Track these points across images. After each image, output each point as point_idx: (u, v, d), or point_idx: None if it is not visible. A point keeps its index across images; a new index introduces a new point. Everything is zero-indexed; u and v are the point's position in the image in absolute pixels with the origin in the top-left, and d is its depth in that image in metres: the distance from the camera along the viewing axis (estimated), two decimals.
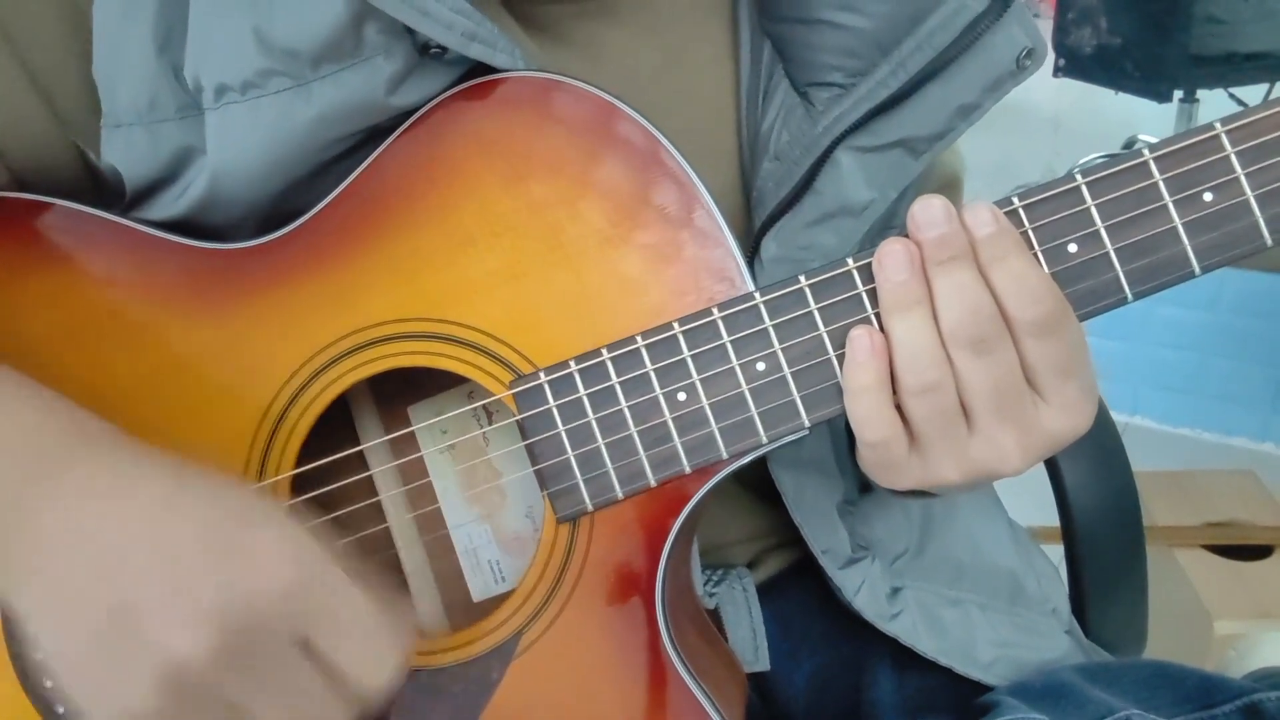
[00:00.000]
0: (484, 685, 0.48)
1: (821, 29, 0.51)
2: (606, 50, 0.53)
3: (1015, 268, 0.42)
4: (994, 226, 0.42)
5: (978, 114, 0.51)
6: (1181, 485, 1.39)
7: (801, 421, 0.45)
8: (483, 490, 0.53)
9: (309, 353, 0.48)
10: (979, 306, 0.42)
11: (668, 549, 0.46)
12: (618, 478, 0.45)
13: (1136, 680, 0.56)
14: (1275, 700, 0.52)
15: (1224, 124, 0.42)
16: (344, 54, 0.46)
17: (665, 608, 0.47)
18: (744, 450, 0.45)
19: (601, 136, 0.46)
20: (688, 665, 0.47)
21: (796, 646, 0.63)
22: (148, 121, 0.48)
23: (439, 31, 0.45)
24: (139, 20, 0.47)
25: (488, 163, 0.47)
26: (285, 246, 0.49)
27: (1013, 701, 0.55)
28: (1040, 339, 0.43)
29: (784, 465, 0.57)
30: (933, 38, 0.49)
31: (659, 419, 0.45)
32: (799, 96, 0.53)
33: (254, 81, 0.46)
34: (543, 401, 0.46)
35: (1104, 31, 1.50)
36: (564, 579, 0.47)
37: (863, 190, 0.52)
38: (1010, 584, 0.64)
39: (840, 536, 0.58)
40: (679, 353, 0.45)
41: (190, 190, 0.49)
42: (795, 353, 0.44)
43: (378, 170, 0.48)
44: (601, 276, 0.46)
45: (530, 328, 0.46)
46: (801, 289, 0.44)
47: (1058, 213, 0.43)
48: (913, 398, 0.43)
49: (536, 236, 0.47)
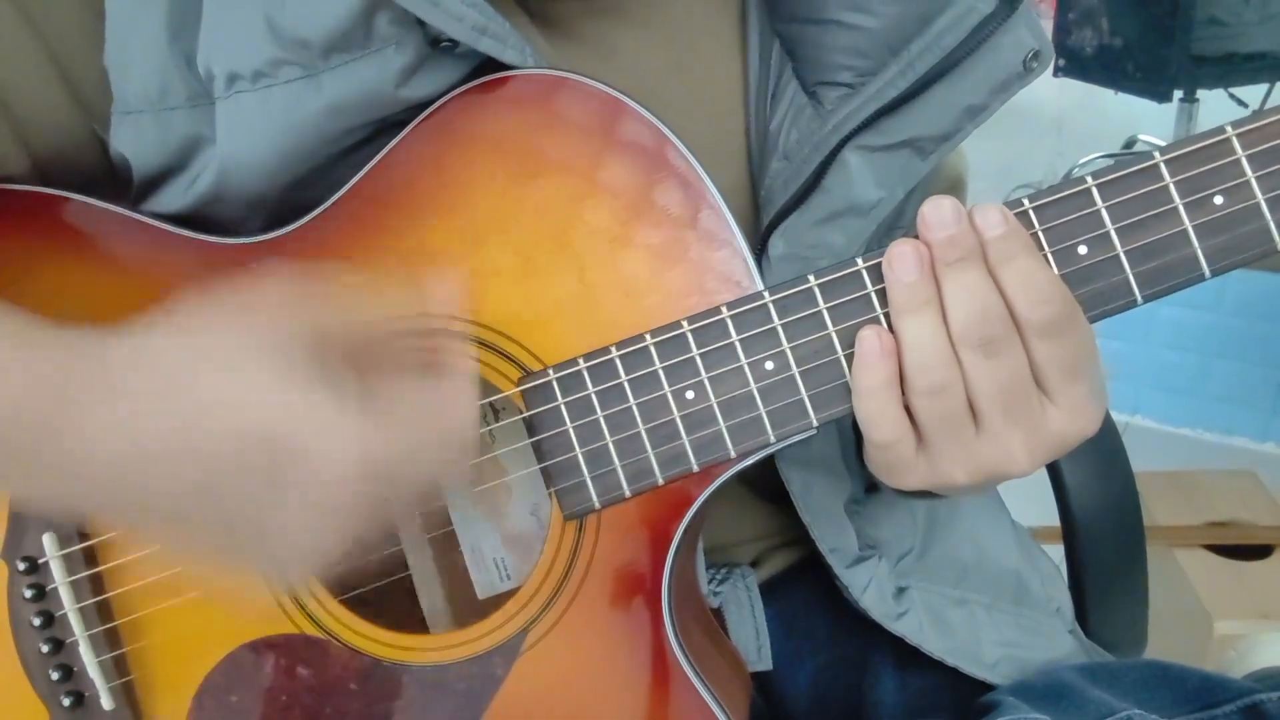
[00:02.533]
0: (489, 681, 0.48)
1: (831, 29, 0.51)
2: (617, 48, 0.53)
3: (1024, 268, 0.42)
4: (1004, 228, 0.42)
5: (985, 115, 0.52)
6: (1182, 485, 1.39)
7: (809, 421, 0.45)
8: (488, 488, 0.53)
9: None
10: (988, 307, 0.42)
11: (674, 548, 0.46)
12: (625, 476, 0.45)
13: (1137, 680, 0.56)
14: (1276, 701, 0.52)
15: (1234, 127, 0.42)
16: (354, 44, 0.46)
17: (671, 606, 0.47)
18: (752, 449, 0.45)
19: (611, 134, 0.46)
20: (693, 664, 0.47)
21: (800, 646, 0.63)
22: (158, 109, 0.48)
23: (449, 24, 0.45)
24: (152, 8, 0.47)
25: (497, 160, 0.47)
26: (295, 241, 0.49)
27: (1014, 701, 0.55)
28: (1049, 340, 0.43)
29: (792, 464, 0.57)
30: (941, 38, 0.49)
31: (667, 417, 0.45)
32: (808, 96, 0.53)
33: (264, 70, 0.46)
34: (551, 399, 0.46)
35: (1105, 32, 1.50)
36: (570, 577, 0.47)
37: (871, 190, 0.52)
38: (1014, 584, 0.64)
39: (848, 535, 0.58)
40: (688, 351, 0.45)
41: (199, 181, 0.49)
42: (804, 352, 0.44)
43: (387, 167, 0.48)
44: (610, 275, 0.46)
45: (539, 325, 0.47)
46: (811, 289, 0.44)
47: (1068, 215, 0.43)
48: (921, 398, 0.43)
49: (546, 234, 0.47)
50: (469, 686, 0.48)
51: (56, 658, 0.51)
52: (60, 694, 0.51)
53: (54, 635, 0.51)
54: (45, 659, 0.51)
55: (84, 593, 0.51)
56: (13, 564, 0.51)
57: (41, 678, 0.51)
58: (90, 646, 0.50)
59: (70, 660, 0.51)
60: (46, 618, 0.51)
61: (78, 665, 0.51)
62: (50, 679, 0.51)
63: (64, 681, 0.51)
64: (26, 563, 0.51)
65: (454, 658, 0.48)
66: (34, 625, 0.51)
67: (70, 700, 0.51)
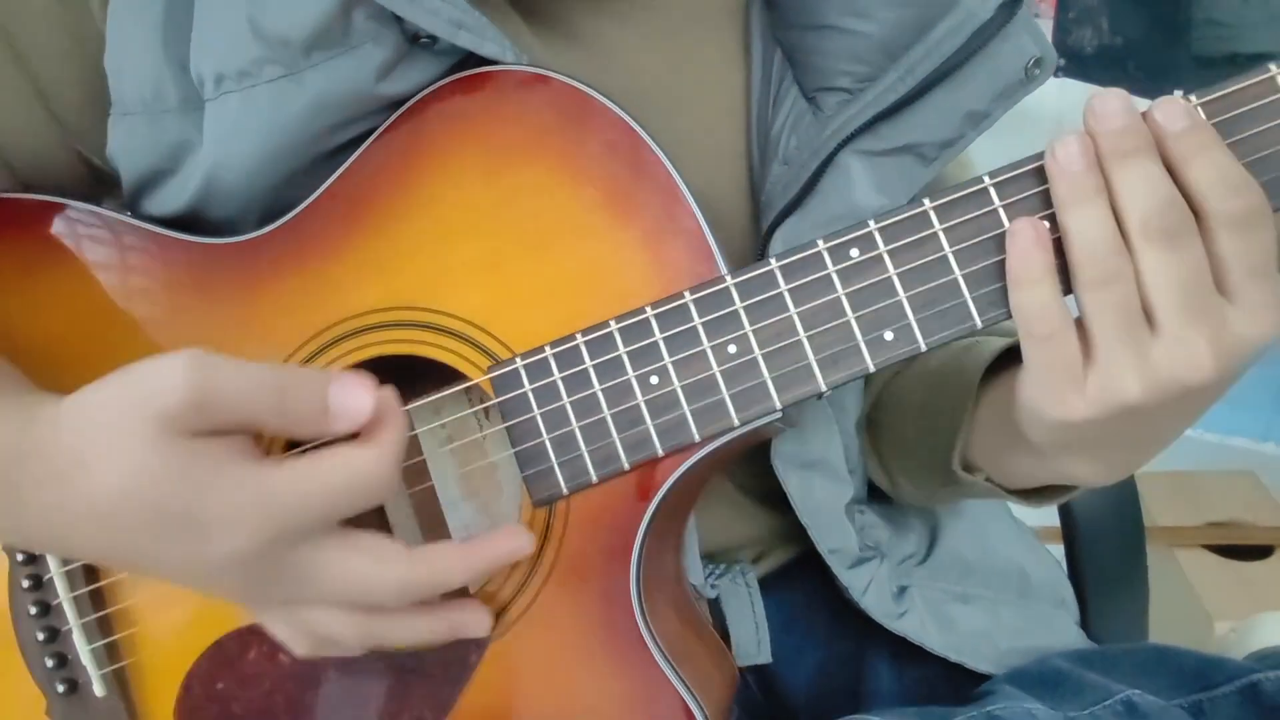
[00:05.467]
0: (463, 667, 0.48)
1: (830, 35, 0.52)
2: (615, 49, 0.54)
3: (1217, 159, 0.40)
4: (1189, 120, 0.40)
5: (988, 122, 0.52)
6: (1182, 485, 1.37)
7: (773, 403, 0.45)
8: (474, 469, 0.54)
9: (298, 341, 0.50)
10: (1171, 197, 0.40)
11: (642, 533, 0.47)
12: (592, 461, 0.46)
13: (1135, 664, 0.56)
14: (1274, 680, 0.52)
15: None
16: (334, 41, 0.47)
17: (640, 592, 0.47)
18: (716, 432, 0.45)
19: (580, 129, 0.47)
20: (663, 650, 0.47)
21: (799, 639, 0.63)
22: (152, 111, 0.50)
23: (424, 18, 0.46)
24: (147, 13, 0.48)
25: (469, 154, 0.48)
26: (278, 239, 0.50)
27: (1010, 689, 0.55)
28: (1239, 233, 0.40)
29: (791, 467, 0.57)
30: (941, 44, 0.50)
31: (632, 402, 0.45)
32: (808, 102, 0.54)
33: (248, 70, 0.47)
34: (519, 385, 0.46)
35: (1105, 32, 1.50)
36: (540, 563, 0.48)
37: (871, 194, 0.52)
38: (1019, 578, 0.64)
39: (849, 537, 0.58)
40: (651, 336, 0.45)
41: (190, 183, 0.50)
42: (766, 334, 0.45)
43: (364, 163, 0.49)
44: (578, 264, 0.47)
45: (509, 314, 0.47)
46: (772, 270, 0.45)
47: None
48: (1090, 291, 0.40)
49: (515, 226, 0.47)
50: (445, 672, 0.49)
51: (52, 646, 0.52)
52: (56, 681, 0.52)
53: (50, 624, 0.52)
54: (42, 647, 0.52)
55: (78, 582, 0.52)
56: (12, 554, 0.53)
57: (38, 665, 0.52)
58: (83, 634, 0.52)
59: (65, 649, 0.52)
60: (43, 607, 0.52)
61: (71, 653, 0.52)
62: (46, 666, 0.52)
63: (59, 669, 0.52)
64: (24, 553, 0.53)
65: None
66: (31, 614, 0.52)
67: (65, 687, 0.52)
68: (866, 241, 0.44)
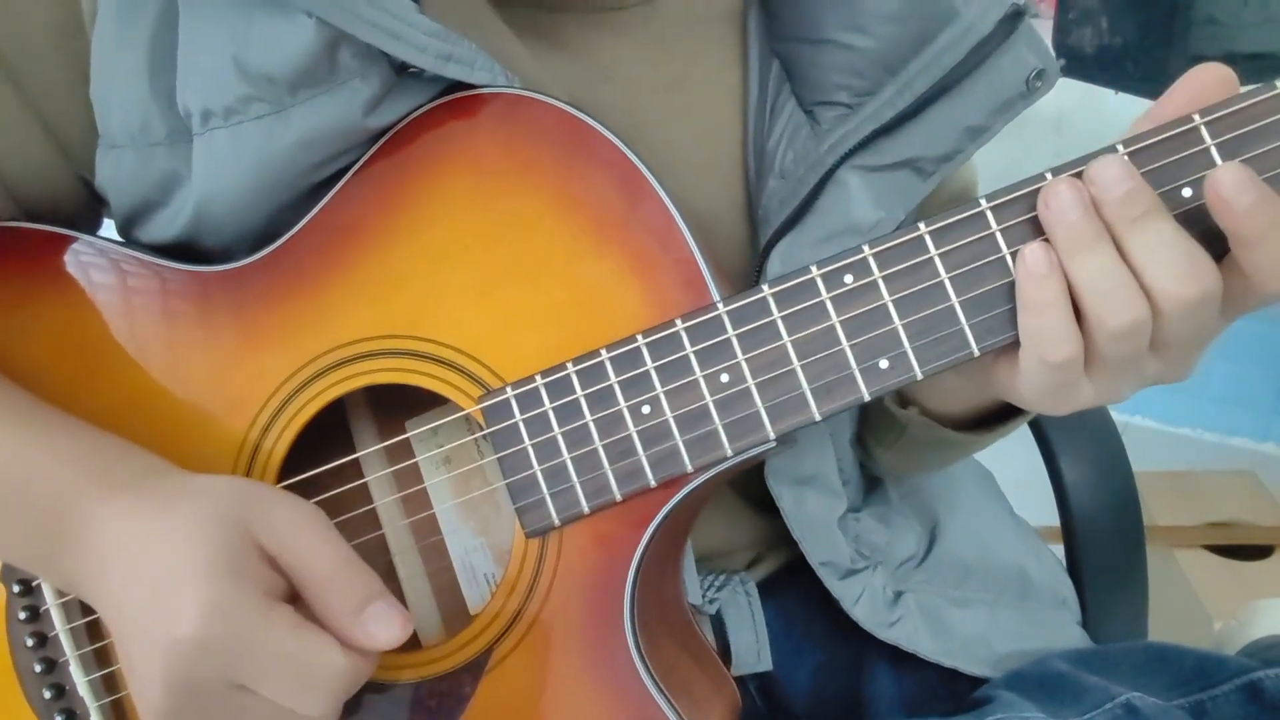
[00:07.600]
0: (457, 700, 0.48)
1: (829, 49, 0.51)
2: (609, 61, 0.53)
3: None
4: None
5: (986, 136, 0.51)
6: (1182, 485, 1.37)
7: (766, 433, 0.44)
8: (474, 498, 0.53)
9: (289, 370, 0.49)
10: (1193, 252, 0.40)
11: (635, 564, 0.46)
12: (584, 492, 0.45)
13: (1133, 665, 0.56)
14: (1275, 678, 0.52)
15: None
16: (320, 79, 0.46)
17: (634, 622, 0.47)
18: (709, 463, 0.45)
19: (570, 152, 0.46)
20: (657, 681, 0.47)
21: (799, 644, 0.63)
22: (139, 145, 0.49)
23: (412, 54, 0.45)
24: (133, 47, 0.48)
25: (458, 179, 0.47)
26: (269, 266, 0.50)
27: (1008, 696, 0.54)
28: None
29: (783, 481, 0.57)
30: (940, 59, 0.49)
31: (624, 432, 0.45)
32: (805, 115, 0.53)
33: (235, 108, 0.47)
34: (509, 415, 0.46)
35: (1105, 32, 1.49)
36: (534, 594, 0.47)
37: (869, 210, 0.51)
38: (1019, 579, 0.64)
39: (840, 550, 0.58)
40: (642, 365, 0.45)
41: (181, 215, 0.50)
42: (759, 363, 0.44)
43: (354, 189, 0.49)
44: (569, 291, 0.46)
45: (500, 343, 0.47)
46: (765, 297, 0.44)
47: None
48: (1111, 340, 0.41)
49: (504, 252, 0.47)
50: (439, 703, 0.48)
51: (50, 677, 0.52)
52: (54, 711, 0.52)
53: (47, 655, 0.52)
54: (40, 678, 0.52)
55: (74, 614, 0.52)
56: (10, 586, 0.53)
57: (37, 697, 0.52)
58: (80, 666, 0.52)
59: (62, 679, 0.52)
60: (40, 638, 0.52)
61: (69, 684, 0.52)
62: (45, 697, 0.52)
63: (57, 699, 0.52)
64: (21, 585, 0.53)
65: (423, 675, 0.49)
66: (28, 646, 0.52)
67: (63, 717, 0.52)
68: (861, 267, 0.44)
